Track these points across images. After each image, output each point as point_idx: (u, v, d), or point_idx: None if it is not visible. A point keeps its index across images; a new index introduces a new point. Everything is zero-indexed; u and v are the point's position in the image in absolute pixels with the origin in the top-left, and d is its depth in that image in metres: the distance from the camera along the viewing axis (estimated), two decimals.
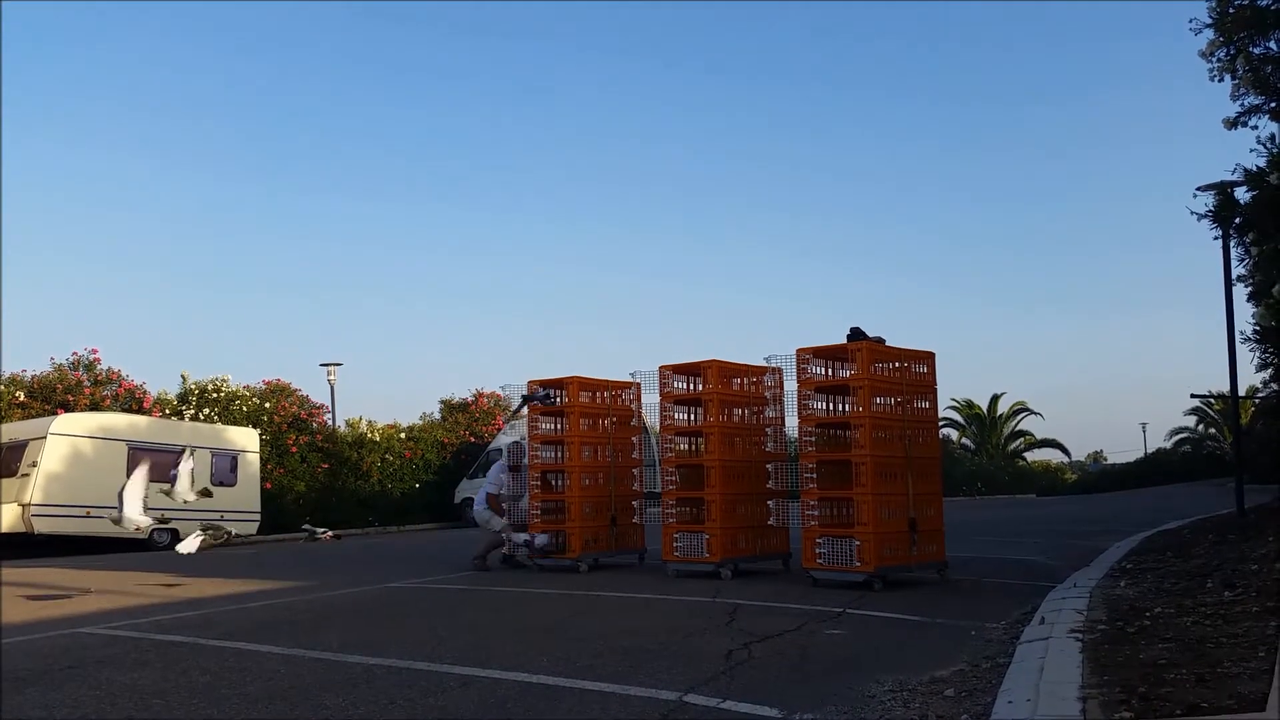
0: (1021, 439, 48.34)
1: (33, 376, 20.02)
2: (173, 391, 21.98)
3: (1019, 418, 48.17)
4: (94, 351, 20.86)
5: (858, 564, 8.00)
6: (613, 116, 69.81)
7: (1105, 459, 63.00)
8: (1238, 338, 12.96)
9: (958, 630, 6.05)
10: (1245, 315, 13.94)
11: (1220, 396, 26.37)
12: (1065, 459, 51.93)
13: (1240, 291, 13.83)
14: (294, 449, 22.47)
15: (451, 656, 5.23)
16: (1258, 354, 12.19)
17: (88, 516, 16.28)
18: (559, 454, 10.75)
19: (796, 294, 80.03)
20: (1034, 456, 48.92)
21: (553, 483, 10.85)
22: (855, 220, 77.65)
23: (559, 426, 10.74)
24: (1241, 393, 17.12)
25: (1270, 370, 12.88)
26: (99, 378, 20.75)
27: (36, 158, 50.55)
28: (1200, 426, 47.65)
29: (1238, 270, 13.36)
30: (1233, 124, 9.42)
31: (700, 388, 9.70)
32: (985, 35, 72.95)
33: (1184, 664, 4.12)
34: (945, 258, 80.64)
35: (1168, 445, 47.29)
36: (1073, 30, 74.31)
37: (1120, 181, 74.03)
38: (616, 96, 70.31)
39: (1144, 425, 59.73)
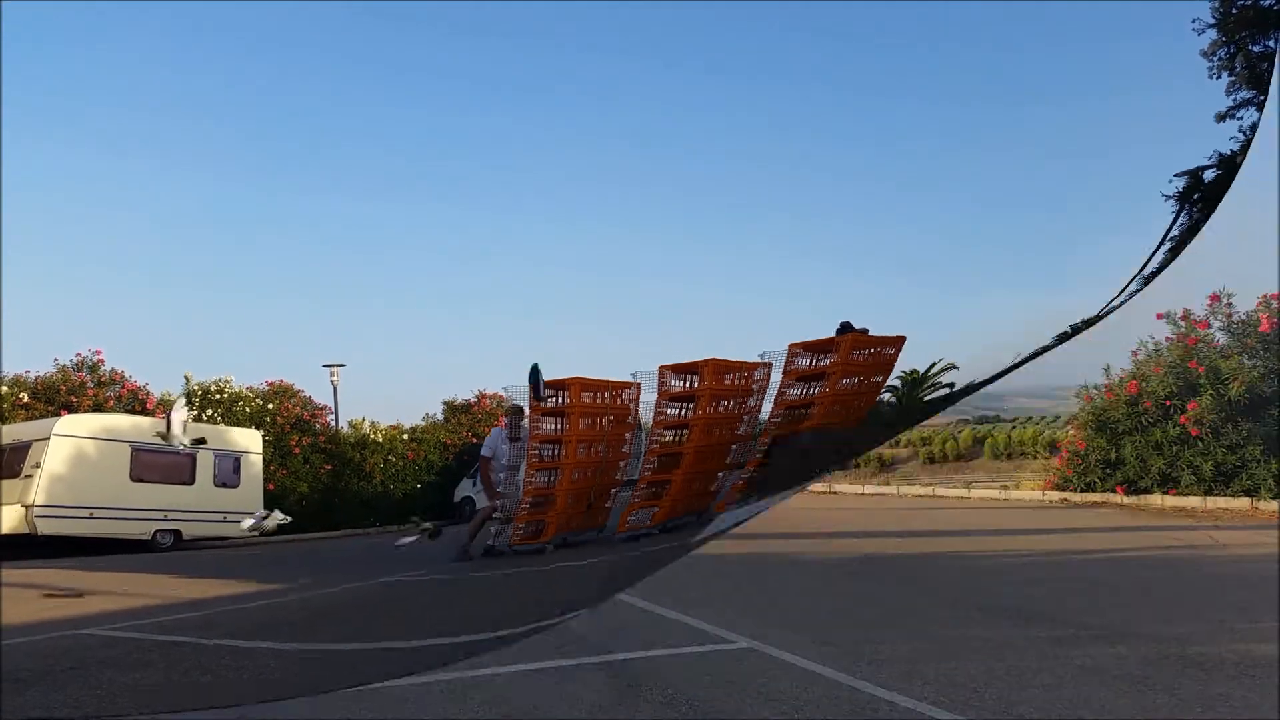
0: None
1: (36, 377, 20.05)
2: (176, 393, 22.02)
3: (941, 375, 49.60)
4: (98, 353, 20.93)
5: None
6: (613, 116, 69.87)
7: None
8: None
9: None
10: None
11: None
12: None
13: None
14: (297, 450, 22.50)
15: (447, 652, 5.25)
16: None
17: (91, 518, 16.33)
18: (555, 453, 10.84)
19: (796, 294, 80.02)
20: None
21: (545, 479, 10.96)
22: (855, 220, 77.63)
23: (559, 427, 10.79)
24: None
25: None
26: (102, 379, 20.79)
27: (36, 158, 50.67)
28: None
29: None
30: (1222, 118, 9.47)
31: (696, 385, 9.93)
32: (985, 35, 72.94)
33: None
34: (945, 258, 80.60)
35: None
36: (1073, 30, 74.26)
37: (1120, 182, 73.94)
38: (616, 96, 70.38)
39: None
